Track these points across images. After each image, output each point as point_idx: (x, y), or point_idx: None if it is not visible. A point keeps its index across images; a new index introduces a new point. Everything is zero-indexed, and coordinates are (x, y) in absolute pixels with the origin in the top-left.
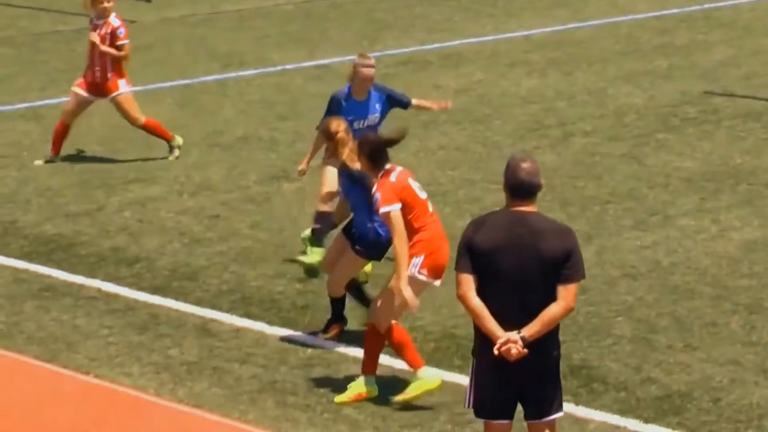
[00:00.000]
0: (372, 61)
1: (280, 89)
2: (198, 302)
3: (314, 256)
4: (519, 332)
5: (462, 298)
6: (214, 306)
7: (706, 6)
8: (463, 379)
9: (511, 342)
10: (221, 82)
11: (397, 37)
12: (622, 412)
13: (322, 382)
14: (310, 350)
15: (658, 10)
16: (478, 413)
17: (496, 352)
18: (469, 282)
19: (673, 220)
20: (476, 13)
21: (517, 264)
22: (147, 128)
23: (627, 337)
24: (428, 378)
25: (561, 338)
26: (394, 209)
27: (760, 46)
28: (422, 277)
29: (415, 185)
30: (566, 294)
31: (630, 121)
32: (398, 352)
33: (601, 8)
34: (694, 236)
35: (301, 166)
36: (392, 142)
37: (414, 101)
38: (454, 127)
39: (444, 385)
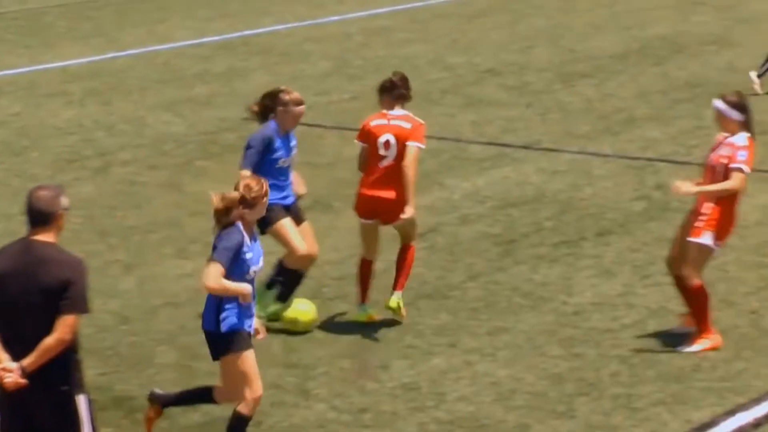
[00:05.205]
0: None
1: None
2: None
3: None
4: (21, 362)
5: None
6: None
7: (244, 32)
8: None
9: (6, 371)
10: None
11: None
12: None
13: None
14: None
15: (196, 37)
16: None
17: None
18: None
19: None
20: (12, 43)
21: (20, 292)
22: None
23: (170, 365)
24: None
25: (103, 370)
26: None
27: (298, 71)
28: None
29: None
30: (61, 325)
31: (169, 149)
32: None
33: (137, 37)
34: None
35: None
36: None
37: None
38: None
39: None
